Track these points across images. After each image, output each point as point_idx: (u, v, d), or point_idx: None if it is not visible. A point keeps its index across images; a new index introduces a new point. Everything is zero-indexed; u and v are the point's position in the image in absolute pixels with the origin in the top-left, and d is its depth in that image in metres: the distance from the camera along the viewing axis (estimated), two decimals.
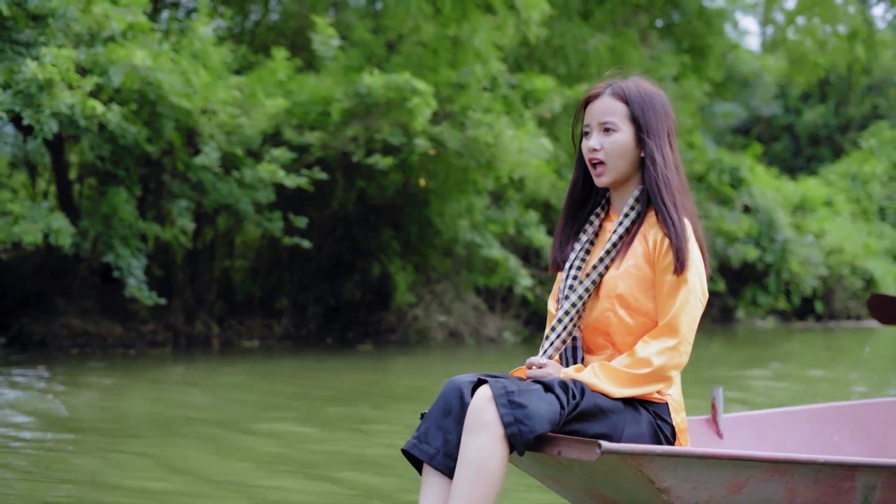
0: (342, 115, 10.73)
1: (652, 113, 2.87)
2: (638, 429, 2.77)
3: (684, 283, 2.76)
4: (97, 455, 4.90)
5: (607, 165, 2.87)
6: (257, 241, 12.44)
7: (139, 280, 9.80)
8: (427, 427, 2.69)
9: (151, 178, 10.52)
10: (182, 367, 9.76)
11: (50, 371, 8.64)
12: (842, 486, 2.81)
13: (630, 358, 2.76)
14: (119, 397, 7.35)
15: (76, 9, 8.77)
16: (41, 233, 8.83)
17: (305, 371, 9.51)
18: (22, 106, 8.18)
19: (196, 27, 10.25)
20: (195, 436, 5.55)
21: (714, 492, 2.68)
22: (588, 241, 2.97)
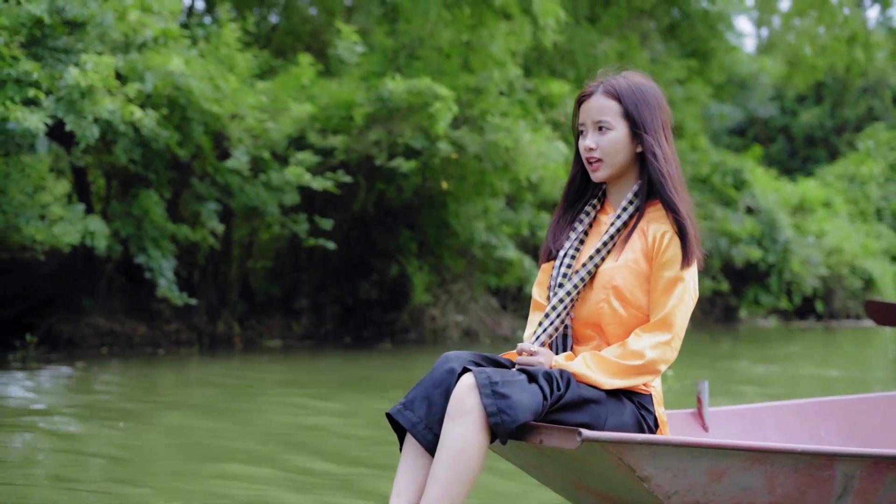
0: (365, 120, 10.98)
1: (645, 108, 2.88)
2: (621, 419, 2.79)
3: (681, 281, 2.80)
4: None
5: (604, 162, 2.89)
6: (277, 241, 12.68)
7: (170, 281, 10.03)
8: (414, 396, 2.72)
9: (180, 181, 10.75)
10: (223, 365, 9.98)
11: (122, 372, 8.90)
12: (821, 475, 2.84)
13: (622, 349, 2.79)
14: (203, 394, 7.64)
15: (112, 16, 9.01)
16: (79, 234, 9.06)
17: (350, 367, 9.78)
18: (65, 112, 8.40)
19: (224, 33, 10.49)
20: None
21: (694, 480, 2.70)
22: (583, 231, 2.99)
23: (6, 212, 8.84)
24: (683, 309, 2.81)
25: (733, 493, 2.76)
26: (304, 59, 11.10)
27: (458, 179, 11.71)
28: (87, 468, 4.69)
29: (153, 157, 10.12)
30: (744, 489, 2.77)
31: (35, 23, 8.66)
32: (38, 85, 8.40)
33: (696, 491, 2.72)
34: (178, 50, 9.73)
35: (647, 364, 2.77)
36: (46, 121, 8.21)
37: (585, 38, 15.33)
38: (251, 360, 10.34)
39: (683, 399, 7.17)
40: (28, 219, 8.85)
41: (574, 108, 2.99)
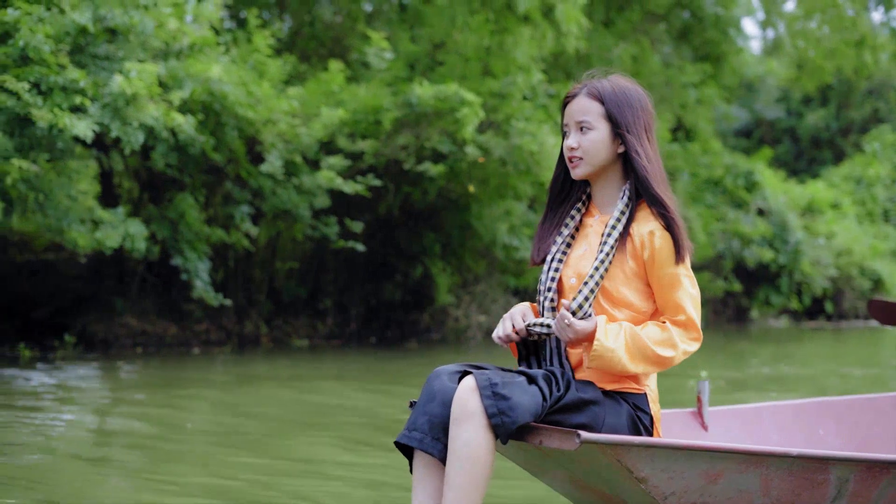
0: (393, 124, 11.22)
1: (628, 109, 2.91)
2: (618, 419, 2.83)
3: (682, 275, 2.85)
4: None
5: (584, 160, 2.91)
6: (303, 243, 12.90)
7: (205, 282, 10.27)
8: (415, 418, 2.77)
9: (213, 184, 10.99)
10: (270, 364, 10.24)
11: (180, 369, 9.14)
12: (815, 479, 2.87)
13: (663, 334, 2.82)
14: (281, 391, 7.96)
15: (153, 25, 9.25)
16: (120, 238, 9.28)
17: (390, 365, 10.04)
18: (111, 119, 8.64)
19: (256, 40, 10.73)
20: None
21: (690, 482, 2.74)
22: (569, 234, 3.01)
23: (48, 215, 9.08)
24: (695, 304, 2.86)
25: (729, 495, 2.80)
26: (335, 65, 11.33)
27: (481, 182, 11.95)
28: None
29: (188, 162, 10.36)
30: (739, 491, 2.80)
31: (79, 31, 8.90)
32: (83, 92, 8.64)
33: (693, 492, 2.76)
34: (213, 57, 9.97)
35: (674, 358, 2.82)
36: (94, 128, 8.45)
37: (601, 43, 15.56)
38: (297, 357, 10.64)
39: (715, 398, 7.41)
40: (70, 222, 9.08)
41: (560, 109, 3.05)
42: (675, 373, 8.84)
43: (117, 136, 8.67)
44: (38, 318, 12.07)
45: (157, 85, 8.85)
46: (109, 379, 8.52)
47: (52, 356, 10.16)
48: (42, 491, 4.12)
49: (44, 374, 8.49)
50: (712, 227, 17.18)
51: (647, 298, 2.90)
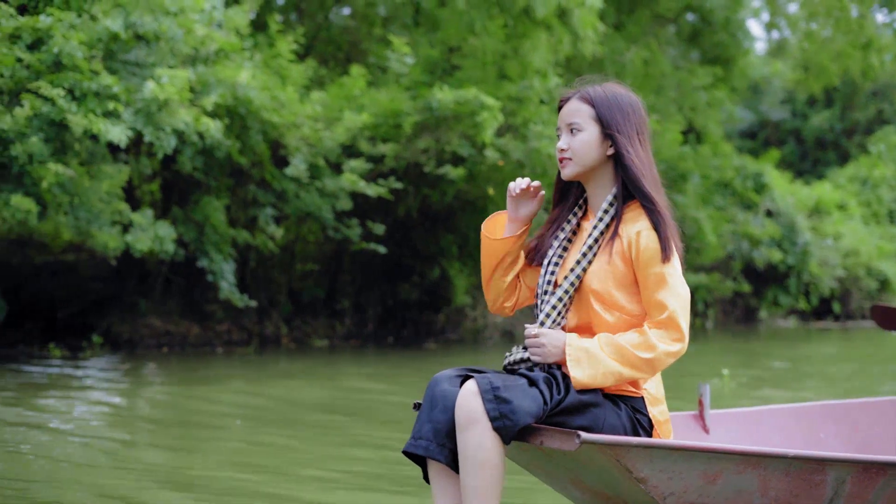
0: (413, 128, 11.40)
1: (618, 112, 2.94)
2: (618, 422, 2.85)
3: (669, 275, 2.84)
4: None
5: (573, 161, 2.95)
6: (323, 245, 13.09)
7: (231, 283, 10.45)
8: (420, 426, 2.81)
9: (237, 187, 11.17)
10: (307, 363, 10.44)
11: (224, 368, 9.33)
12: (812, 480, 2.89)
13: (640, 338, 2.82)
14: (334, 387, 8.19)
15: (182, 31, 9.43)
16: (150, 241, 9.46)
17: (420, 363, 10.25)
18: (143, 124, 8.82)
19: (280, 45, 10.91)
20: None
21: (689, 482, 2.76)
22: (566, 238, 3.03)
23: (79, 218, 9.26)
24: (682, 303, 2.84)
25: (727, 496, 2.82)
26: (357, 70, 11.51)
27: (499, 185, 12.13)
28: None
29: (213, 165, 10.54)
30: (738, 491, 2.83)
31: (111, 38, 9.08)
32: (117, 98, 8.82)
33: (692, 493, 2.78)
34: (239, 62, 10.15)
35: (656, 358, 2.80)
36: (128, 133, 8.63)
37: (613, 47, 15.73)
38: (328, 356, 10.83)
39: (739, 396, 7.60)
40: (101, 225, 9.26)
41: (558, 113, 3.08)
42: (697, 372, 9.04)
43: (150, 140, 8.84)
44: (61, 318, 12.25)
45: (187, 90, 9.03)
46: (160, 375, 8.75)
47: (80, 355, 10.35)
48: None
49: (94, 371, 8.70)
50: (723, 229, 17.35)
51: (639, 301, 2.91)
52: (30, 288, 12.06)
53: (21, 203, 8.47)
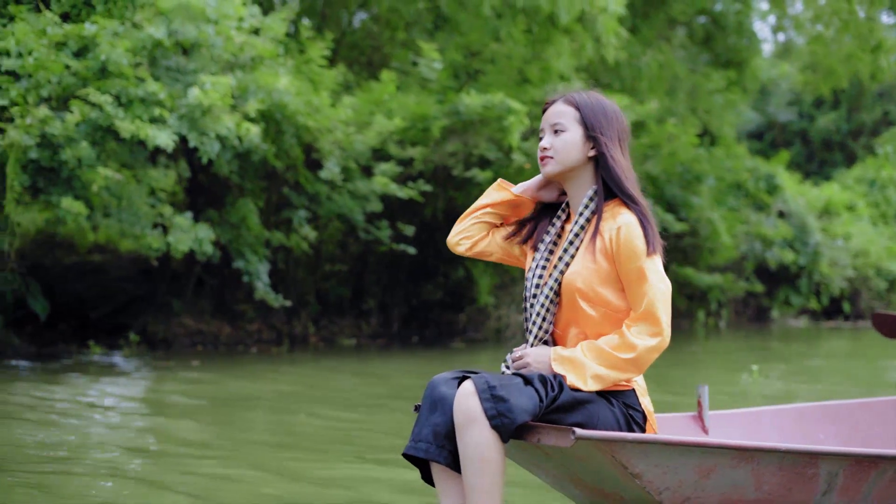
0: (441, 132, 11.68)
1: (602, 116, 3.04)
2: (612, 418, 2.93)
3: (649, 270, 2.91)
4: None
5: (554, 159, 3.04)
6: (351, 245, 13.36)
7: (266, 284, 10.71)
8: (419, 429, 2.89)
9: (271, 190, 11.44)
10: (353, 361, 10.75)
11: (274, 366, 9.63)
12: (805, 473, 2.94)
13: (619, 339, 2.91)
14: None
15: (222, 39, 9.71)
16: (191, 242, 9.72)
17: (462, 361, 10.55)
18: (188, 129, 9.09)
19: (312, 50, 11.19)
20: None
21: (684, 477, 2.81)
22: (551, 242, 3.11)
23: (123, 220, 9.53)
24: (661, 297, 2.90)
25: (722, 490, 2.88)
26: (387, 75, 11.78)
27: None
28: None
29: (248, 168, 10.82)
30: (732, 486, 2.88)
31: (155, 45, 9.36)
32: (162, 104, 9.09)
33: (687, 487, 2.83)
34: (273, 68, 10.42)
35: (639, 357, 2.88)
36: (174, 138, 8.91)
37: (630, 51, 16.00)
38: (366, 357, 11.11)
39: (769, 391, 7.86)
40: (143, 227, 9.53)
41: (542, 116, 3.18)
42: (725, 366, 9.30)
43: (194, 145, 9.11)
44: (95, 318, 12.51)
45: (229, 96, 9.30)
46: (214, 372, 9.07)
47: (120, 354, 10.62)
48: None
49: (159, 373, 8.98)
50: (736, 230, 17.62)
51: (625, 297, 2.99)
52: (61, 289, 12.30)
53: (71, 206, 8.75)
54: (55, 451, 5.10)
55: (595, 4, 12.30)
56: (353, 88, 12.79)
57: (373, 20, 14.53)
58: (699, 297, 17.90)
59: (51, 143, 8.78)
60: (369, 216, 11.93)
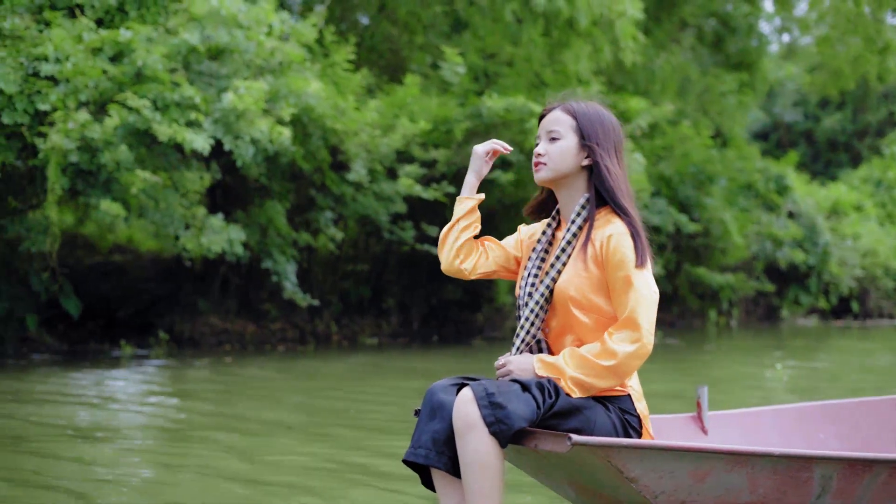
0: (464, 134, 11.90)
1: (599, 125, 3.06)
2: (608, 423, 2.96)
3: (636, 278, 2.93)
4: None
5: (547, 165, 3.05)
6: (373, 246, 13.58)
7: (294, 284, 10.93)
8: (418, 435, 2.92)
9: (297, 191, 11.66)
10: (386, 359, 11.00)
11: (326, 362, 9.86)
12: (800, 477, 2.96)
13: (600, 347, 2.93)
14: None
15: (254, 44, 9.92)
16: (223, 243, 9.93)
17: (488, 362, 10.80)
18: (223, 133, 9.31)
19: (339, 55, 11.41)
20: None
21: (679, 481, 2.83)
22: (542, 249, 3.14)
23: (156, 222, 9.74)
24: (646, 305, 2.91)
25: (717, 493, 2.90)
26: (411, 79, 12.00)
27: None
28: None
29: (275, 170, 11.03)
30: (727, 489, 2.90)
31: (190, 51, 9.58)
32: (197, 108, 9.31)
33: (682, 491, 2.85)
34: (300, 72, 10.63)
35: (619, 364, 2.90)
36: (210, 142, 9.12)
37: (643, 53, 16.22)
38: (395, 355, 11.34)
39: (797, 388, 8.07)
40: (176, 228, 9.74)
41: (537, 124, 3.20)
42: (753, 362, 9.51)
43: (229, 148, 9.33)
44: (121, 317, 12.72)
45: (262, 101, 9.51)
46: (264, 371, 9.32)
47: (151, 353, 10.85)
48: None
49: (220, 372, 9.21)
50: (748, 230, 17.85)
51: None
52: (85, 289, 12.51)
53: (110, 208, 8.96)
54: (156, 446, 5.37)
55: (613, 9, 12.52)
56: (374, 92, 13.00)
57: (391, 24, 14.73)
58: (711, 296, 18.11)
59: (90, 146, 8.99)
60: (393, 217, 12.14)
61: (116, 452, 5.14)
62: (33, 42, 9.31)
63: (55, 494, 4.18)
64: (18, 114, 8.93)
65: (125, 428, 6.06)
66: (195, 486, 4.33)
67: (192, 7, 9.84)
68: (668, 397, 7.19)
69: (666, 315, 17.41)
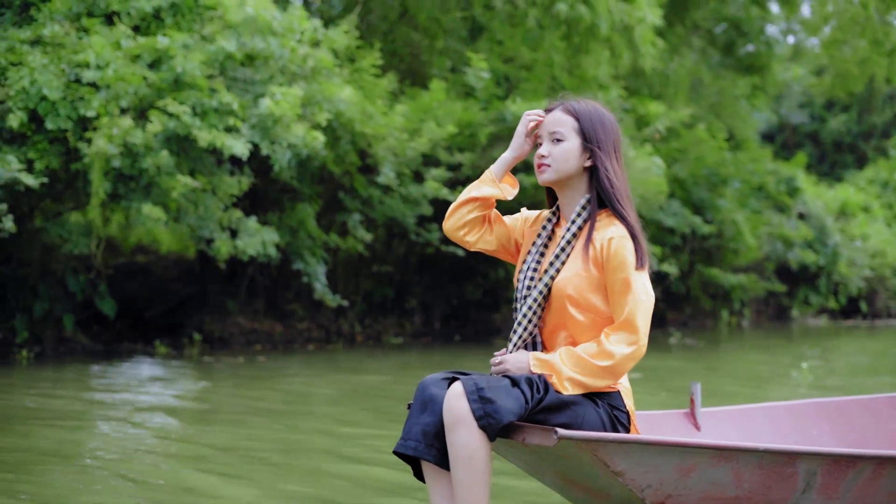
0: (488, 139, 12.14)
1: (600, 127, 3.11)
2: (597, 418, 3.01)
3: (634, 282, 2.99)
4: None
5: (551, 167, 3.11)
6: (397, 247, 13.82)
7: (323, 284, 11.17)
8: (409, 427, 2.99)
9: (326, 194, 11.91)
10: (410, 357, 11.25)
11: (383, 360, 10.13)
12: (784, 472, 3.01)
13: (596, 347, 2.99)
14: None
15: (288, 51, 10.16)
16: (259, 245, 10.16)
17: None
18: (260, 138, 9.55)
19: (367, 60, 11.65)
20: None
21: (665, 475, 2.89)
22: (542, 244, 3.19)
23: (191, 225, 9.98)
24: (643, 308, 2.98)
25: (703, 487, 2.95)
26: (437, 84, 12.24)
27: None
28: None
29: (305, 174, 11.28)
30: (713, 484, 2.95)
31: (227, 57, 9.82)
32: (235, 114, 9.55)
33: (668, 485, 2.91)
34: (329, 77, 10.87)
35: (615, 364, 2.97)
36: (249, 147, 9.36)
37: (660, 57, 16.47)
38: (426, 353, 11.59)
39: (829, 385, 8.28)
40: (212, 231, 9.98)
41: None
42: (776, 360, 9.74)
43: (266, 153, 9.57)
44: (150, 318, 12.95)
45: (298, 107, 9.75)
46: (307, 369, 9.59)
47: (185, 353, 11.09)
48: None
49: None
50: (759, 231, 18.09)
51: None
52: (111, 289, 12.72)
53: (152, 212, 9.20)
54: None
55: (632, 15, 12.77)
56: (398, 96, 13.23)
57: (412, 29, 14.96)
58: (723, 296, 18.36)
59: (131, 151, 9.23)
60: (419, 219, 12.39)
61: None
62: (73, 49, 9.55)
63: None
64: (62, 119, 9.17)
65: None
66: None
67: (228, 15, 10.08)
68: (706, 395, 7.41)
69: (679, 315, 17.67)
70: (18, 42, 9.58)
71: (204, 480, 4.51)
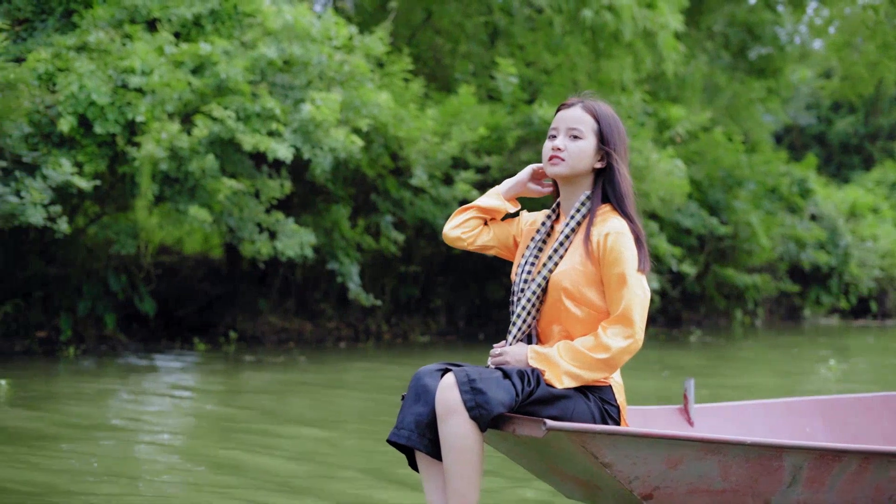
0: (515, 142, 12.43)
1: (616, 131, 3.18)
2: (587, 411, 3.07)
3: (630, 276, 3.04)
4: None
5: (566, 162, 3.15)
6: (424, 248, 14.10)
7: (357, 284, 11.45)
8: (403, 416, 3.06)
9: (358, 196, 12.20)
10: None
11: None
12: (771, 465, 3.04)
13: (594, 340, 3.05)
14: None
15: (325, 57, 10.46)
16: (297, 246, 10.44)
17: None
18: (302, 142, 9.84)
19: (399, 65, 11.94)
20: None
21: (652, 467, 2.93)
22: (540, 240, 3.25)
23: (231, 228, 10.26)
24: (639, 303, 3.03)
25: (690, 480, 2.98)
26: (466, 89, 12.53)
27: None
28: None
29: (339, 176, 11.57)
30: (700, 476, 2.98)
31: (268, 63, 10.11)
32: (277, 119, 9.84)
33: (655, 477, 2.94)
34: (363, 83, 11.15)
35: (612, 357, 3.02)
36: (292, 150, 9.65)
37: (676, 59, 16.75)
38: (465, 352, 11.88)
39: (862, 380, 8.52)
40: (251, 232, 10.26)
41: (554, 115, 3.29)
42: (808, 357, 10.00)
43: (308, 157, 9.86)
44: (182, 317, 13.22)
45: (338, 111, 10.03)
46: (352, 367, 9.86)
47: (223, 350, 11.38)
48: None
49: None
50: (773, 232, 18.39)
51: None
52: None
53: (198, 213, 9.49)
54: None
55: (655, 21, 13.06)
56: (425, 100, 13.52)
57: (435, 33, 15.25)
58: (737, 296, 18.65)
59: (177, 155, 9.51)
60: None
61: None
62: (119, 55, 9.83)
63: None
64: (110, 123, 9.45)
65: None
66: None
67: (267, 22, 10.37)
68: (740, 388, 7.71)
69: (694, 314, 17.97)
70: (65, 48, 9.86)
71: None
